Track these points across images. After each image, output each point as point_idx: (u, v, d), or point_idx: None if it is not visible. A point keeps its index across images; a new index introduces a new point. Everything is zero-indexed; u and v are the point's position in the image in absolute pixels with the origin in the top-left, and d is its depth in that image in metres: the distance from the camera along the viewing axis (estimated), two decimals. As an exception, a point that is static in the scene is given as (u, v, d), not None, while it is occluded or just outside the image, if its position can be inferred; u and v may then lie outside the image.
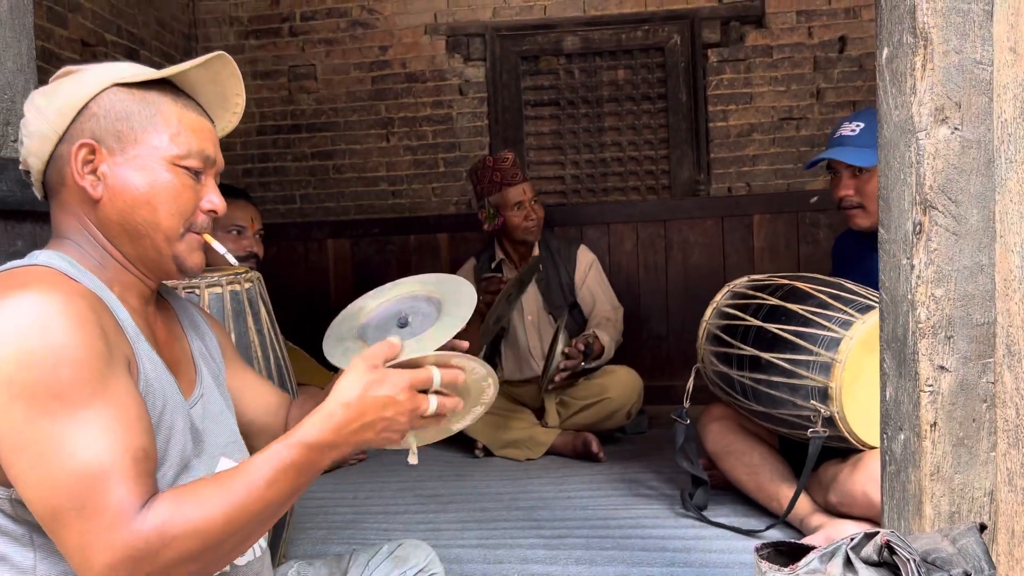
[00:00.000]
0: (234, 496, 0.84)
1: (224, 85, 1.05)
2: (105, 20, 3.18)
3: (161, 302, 1.10)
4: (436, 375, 0.97)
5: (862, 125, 2.13)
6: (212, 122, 1.06)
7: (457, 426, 1.11)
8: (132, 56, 3.37)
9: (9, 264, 0.94)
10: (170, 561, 0.80)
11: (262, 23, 3.99)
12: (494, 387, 1.08)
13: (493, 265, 3.19)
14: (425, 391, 0.96)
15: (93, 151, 0.96)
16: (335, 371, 3.11)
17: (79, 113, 0.96)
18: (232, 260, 1.09)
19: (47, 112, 0.97)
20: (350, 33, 3.95)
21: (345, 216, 3.99)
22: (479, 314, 2.96)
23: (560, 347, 2.86)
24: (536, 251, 3.17)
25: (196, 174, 1.01)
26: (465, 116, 3.92)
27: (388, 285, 1.20)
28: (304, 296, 3.90)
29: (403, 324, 1.11)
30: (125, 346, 0.90)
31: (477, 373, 1.03)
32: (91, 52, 3.06)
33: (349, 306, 1.20)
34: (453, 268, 3.70)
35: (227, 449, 1.05)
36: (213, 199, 1.03)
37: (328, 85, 3.98)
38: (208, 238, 1.04)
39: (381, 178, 3.99)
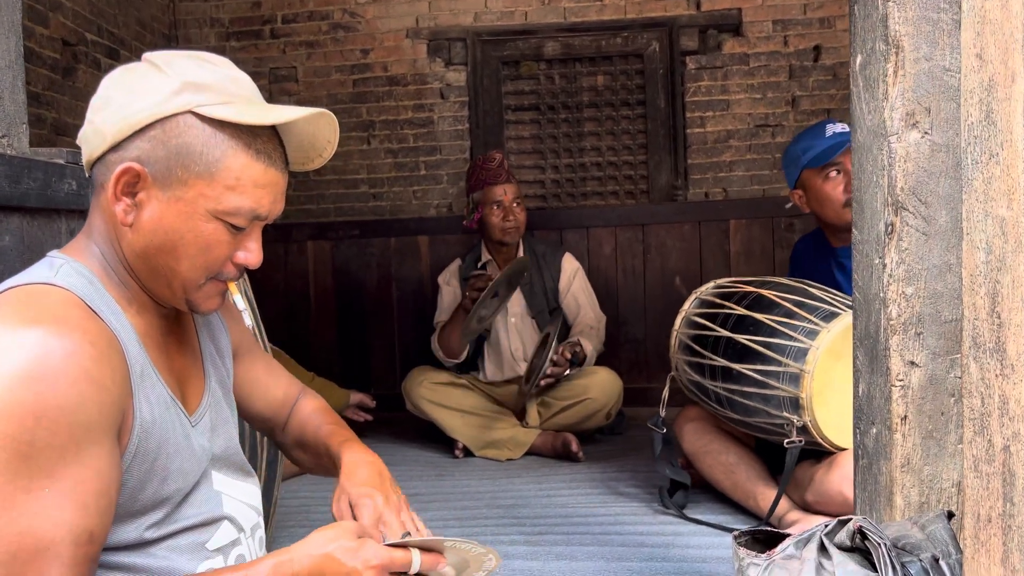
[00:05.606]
0: None
1: (319, 128, 0.97)
2: (86, 19, 3.17)
3: None
4: (416, 559, 0.93)
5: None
6: (287, 166, 0.97)
7: None
8: (113, 56, 3.36)
9: (28, 276, 0.89)
10: None
11: (243, 25, 3.99)
12: (496, 560, 1.03)
13: (479, 265, 3.21)
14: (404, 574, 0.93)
15: (138, 176, 0.89)
16: (316, 372, 3.13)
17: (142, 129, 0.88)
18: (247, 320, 1.04)
19: (113, 112, 0.90)
20: (331, 36, 3.96)
21: (325, 218, 4.00)
22: (463, 310, 2.99)
23: (550, 352, 2.89)
24: (521, 253, 3.19)
25: (237, 229, 0.93)
26: (446, 120, 3.94)
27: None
28: (284, 298, 3.90)
29: None
30: (124, 397, 0.86)
31: (474, 551, 1.00)
32: (72, 51, 3.05)
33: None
34: (434, 270, 3.72)
35: (222, 461, 1.03)
36: (251, 252, 0.95)
37: (309, 87, 3.99)
38: (233, 288, 0.98)
39: (362, 180, 4.00)
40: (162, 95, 0.89)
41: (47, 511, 0.78)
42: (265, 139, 0.93)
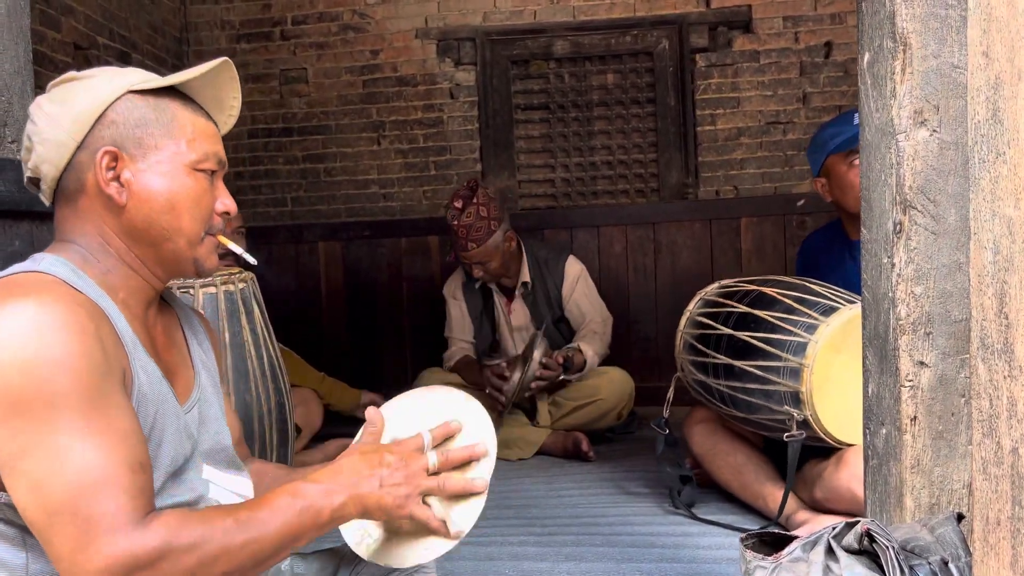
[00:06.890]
0: (239, 529, 0.86)
1: (221, 89, 1.06)
2: (97, 24, 3.20)
3: (162, 305, 1.11)
4: (426, 436, 1.05)
5: None
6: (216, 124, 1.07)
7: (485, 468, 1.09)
8: (124, 60, 3.38)
9: (12, 269, 0.94)
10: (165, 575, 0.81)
11: (253, 27, 4.01)
12: (479, 410, 1.10)
13: (477, 286, 3.19)
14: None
15: (116, 158, 0.96)
16: (326, 372, 3.13)
17: (97, 120, 0.96)
18: (251, 259, 1.10)
19: (62, 120, 0.96)
20: (341, 37, 3.97)
21: (336, 219, 4.01)
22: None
23: (538, 355, 2.86)
24: (525, 275, 3.13)
25: (212, 175, 1.03)
26: (456, 120, 3.94)
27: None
28: (296, 298, 3.91)
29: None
30: (122, 357, 0.91)
31: (466, 416, 1.09)
32: (84, 55, 3.08)
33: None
34: (443, 271, 3.72)
35: (213, 455, 1.05)
36: (225, 200, 1.05)
37: (319, 88, 4.00)
38: (223, 239, 1.06)
39: (372, 181, 4.01)
40: (99, 87, 0.98)
41: (93, 449, 0.82)
42: (191, 102, 1.04)
